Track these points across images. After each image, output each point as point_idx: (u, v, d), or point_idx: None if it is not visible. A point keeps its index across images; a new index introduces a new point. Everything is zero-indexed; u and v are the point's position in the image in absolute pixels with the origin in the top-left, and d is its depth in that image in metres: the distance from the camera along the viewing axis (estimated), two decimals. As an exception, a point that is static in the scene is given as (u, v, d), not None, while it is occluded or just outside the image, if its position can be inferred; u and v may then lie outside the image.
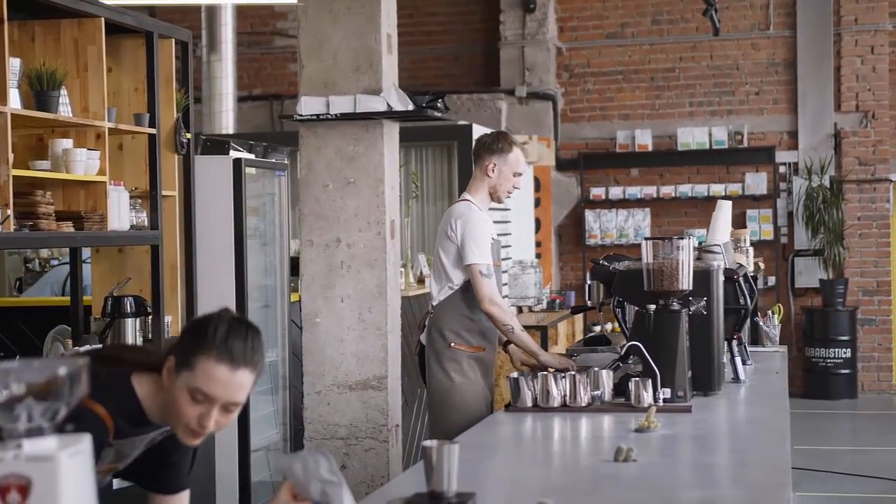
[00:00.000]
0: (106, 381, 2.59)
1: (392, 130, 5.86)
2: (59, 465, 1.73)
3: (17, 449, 1.74)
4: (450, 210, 5.28)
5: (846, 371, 12.12)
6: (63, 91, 4.89)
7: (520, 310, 10.30)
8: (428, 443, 2.71)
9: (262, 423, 6.59)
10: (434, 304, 5.24)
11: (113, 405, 2.59)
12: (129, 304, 5.37)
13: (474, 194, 5.27)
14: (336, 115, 5.65)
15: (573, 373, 4.33)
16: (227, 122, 10.83)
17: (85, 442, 1.80)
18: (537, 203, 12.33)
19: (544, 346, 9.05)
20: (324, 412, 5.67)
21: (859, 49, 12.45)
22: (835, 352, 12.09)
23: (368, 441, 5.63)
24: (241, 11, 12.59)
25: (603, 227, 12.81)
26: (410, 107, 5.71)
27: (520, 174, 5.29)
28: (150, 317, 5.51)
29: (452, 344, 5.15)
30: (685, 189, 12.61)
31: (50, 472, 1.72)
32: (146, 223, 5.52)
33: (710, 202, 12.38)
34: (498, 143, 5.26)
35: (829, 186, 12.20)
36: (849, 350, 12.11)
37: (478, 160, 5.30)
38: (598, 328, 11.57)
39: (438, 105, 6.01)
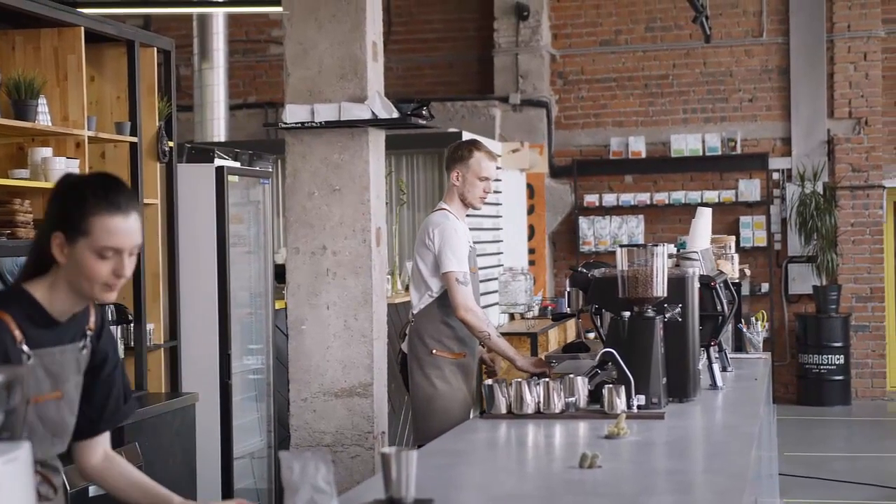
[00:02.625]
0: (5, 296, 2.70)
1: (377, 138, 5.87)
2: (-6, 472, 1.74)
3: (-48, 456, 1.75)
4: (427, 219, 5.38)
5: (840, 377, 12.12)
6: (42, 100, 4.91)
7: (511, 317, 10.32)
8: (385, 450, 2.73)
9: (246, 430, 6.61)
10: (414, 312, 5.32)
11: (13, 310, 2.64)
12: (110, 312, 5.38)
13: (449, 203, 5.37)
14: (321, 122, 5.66)
15: (548, 379, 4.33)
16: (218, 129, 10.85)
17: (23, 449, 1.82)
18: (531, 210, 12.35)
19: (534, 352, 9.06)
20: (309, 419, 5.68)
21: (852, 55, 12.46)
22: (828, 358, 12.08)
23: (354, 448, 5.64)
24: (235, 19, 12.64)
25: (597, 233, 12.83)
26: (395, 114, 5.72)
27: (486, 178, 5.35)
28: (132, 324, 5.52)
29: (434, 351, 5.24)
30: (679, 196, 12.62)
31: (-16, 479, 1.74)
32: (128, 231, 5.53)
33: (703, 209, 12.36)
34: (458, 150, 5.38)
35: (822, 193, 12.20)
36: (842, 356, 12.11)
37: (446, 170, 5.43)
38: (592, 335, 11.57)
39: (423, 113, 6.02)
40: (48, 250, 2.68)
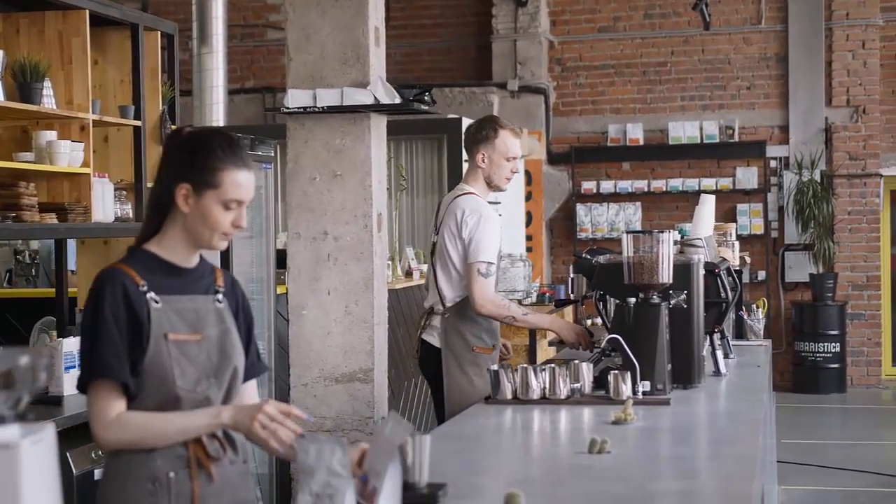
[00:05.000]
0: (124, 256, 2.87)
1: (379, 123, 5.87)
2: (21, 452, 1.74)
3: (-21, 437, 1.76)
4: (455, 203, 5.11)
5: (835, 365, 12.16)
6: (47, 83, 4.90)
7: (509, 303, 10.32)
8: (399, 434, 2.73)
9: (247, 414, 6.60)
10: (447, 304, 5.08)
11: (133, 263, 2.81)
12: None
13: (473, 185, 5.15)
14: (323, 107, 5.65)
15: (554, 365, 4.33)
16: (217, 114, 10.78)
17: (48, 430, 1.82)
18: (529, 197, 12.36)
19: (532, 339, 9.06)
20: (310, 404, 5.68)
21: (850, 44, 12.47)
22: (824, 346, 12.12)
23: (355, 433, 5.64)
24: (233, 4, 12.59)
25: (594, 220, 12.84)
26: (397, 100, 5.71)
27: (513, 158, 5.13)
28: (135, 308, 5.51)
29: (475, 348, 5.06)
30: (676, 183, 12.63)
31: (11, 460, 1.74)
32: (131, 215, 5.53)
33: (700, 196, 12.38)
34: (482, 130, 5.13)
35: (819, 181, 12.22)
36: (838, 344, 12.14)
37: (468, 152, 5.19)
38: (589, 321, 11.59)
39: (425, 98, 6.02)
40: (168, 202, 2.80)
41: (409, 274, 8.14)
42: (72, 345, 5.06)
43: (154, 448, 2.76)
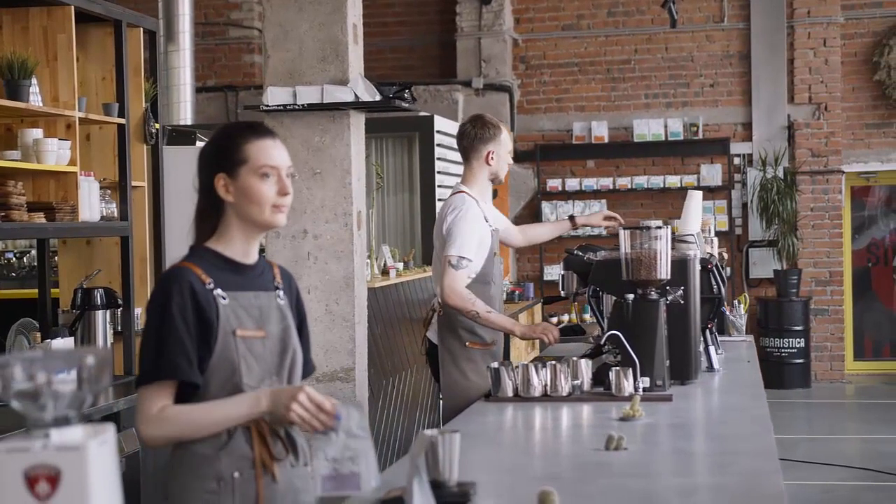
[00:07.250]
0: (186, 255, 2.86)
1: (358, 121, 5.85)
2: (88, 454, 1.71)
3: (45, 439, 1.72)
4: (445, 204, 5.17)
5: (800, 361, 12.26)
6: (34, 80, 4.82)
7: (480, 301, 10.30)
8: (429, 432, 2.71)
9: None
10: (441, 301, 5.07)
11: (197, 261, 2.80)
12: (99, 296, 5.30)
13: (471, 185, 5.18)
14: (303, 105, 5.62)
15: (555, 363, 4.32)
16: (185, 113, 10.72)
17: (110, 432, 1.78)
18: (494, 195, 12.28)
19: (507, 337, 9.03)
20: (291, 404, 5.64)
21: (812, 41, 12.58)
22: (788, 341, 12.22)
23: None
24: (195, 1, 12.47)
25: (560, 218, 12.84)
26: (378, 97, 5.70)
27: (510, 151, 5.26)
28: (120, 309, 5.45)
29: (468, 343, 5.06)
30: (641, 181, 12.68)
31: (79, 462, 1.71)
32: (115, 214, 5.46)
33: (665, 193, 12.48)
34: (487, 129, 5.17)
35: (782, 178, 12.32)
36: (802, 340, 12.25)
37: (472, 152, 5.18)
38: (554, 319, 11.62)
39: (405, 96, 6.00)
40: (214, 200, 2.80)
41: (385, 272, 8.11)
42: (60, 346, 4.99)
43: (210, 443, 2.74)
